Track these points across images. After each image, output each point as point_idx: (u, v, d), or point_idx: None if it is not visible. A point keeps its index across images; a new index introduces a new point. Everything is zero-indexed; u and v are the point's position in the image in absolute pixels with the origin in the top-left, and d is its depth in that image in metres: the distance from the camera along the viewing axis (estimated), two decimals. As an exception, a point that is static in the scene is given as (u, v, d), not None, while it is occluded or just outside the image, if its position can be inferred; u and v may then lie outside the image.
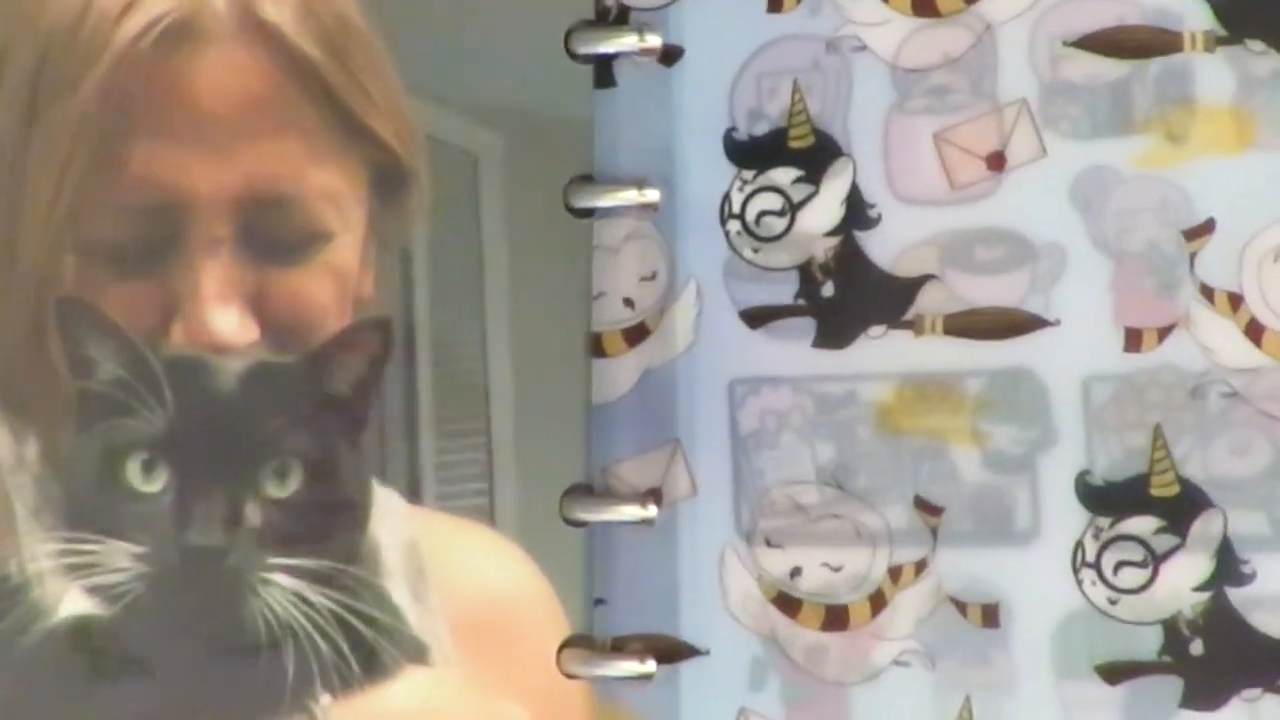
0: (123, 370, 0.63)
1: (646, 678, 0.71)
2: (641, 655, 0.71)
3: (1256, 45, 0.68)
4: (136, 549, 0.61)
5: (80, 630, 0.62)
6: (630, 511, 0.70)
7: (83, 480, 0.63)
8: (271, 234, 0.66)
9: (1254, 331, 0.68)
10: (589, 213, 0.69)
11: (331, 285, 0.67)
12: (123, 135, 0.65)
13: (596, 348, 0.70)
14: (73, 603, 0.63)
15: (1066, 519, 0.69)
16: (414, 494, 0.65)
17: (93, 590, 0.62)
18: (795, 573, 0.71)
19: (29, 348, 0.65)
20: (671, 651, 0.71)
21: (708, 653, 0.71)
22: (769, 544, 0.71)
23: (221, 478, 0.62)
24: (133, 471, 0.62)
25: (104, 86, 0.64)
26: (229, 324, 0.65)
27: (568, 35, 0.69)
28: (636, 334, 0.71)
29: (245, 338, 0.66)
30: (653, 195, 0.70)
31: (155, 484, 0.62)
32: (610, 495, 0.70)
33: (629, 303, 0.71)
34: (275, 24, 0.66)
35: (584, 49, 0.70)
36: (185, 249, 0.66)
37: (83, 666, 0.62)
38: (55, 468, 0.65)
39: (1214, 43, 0.68)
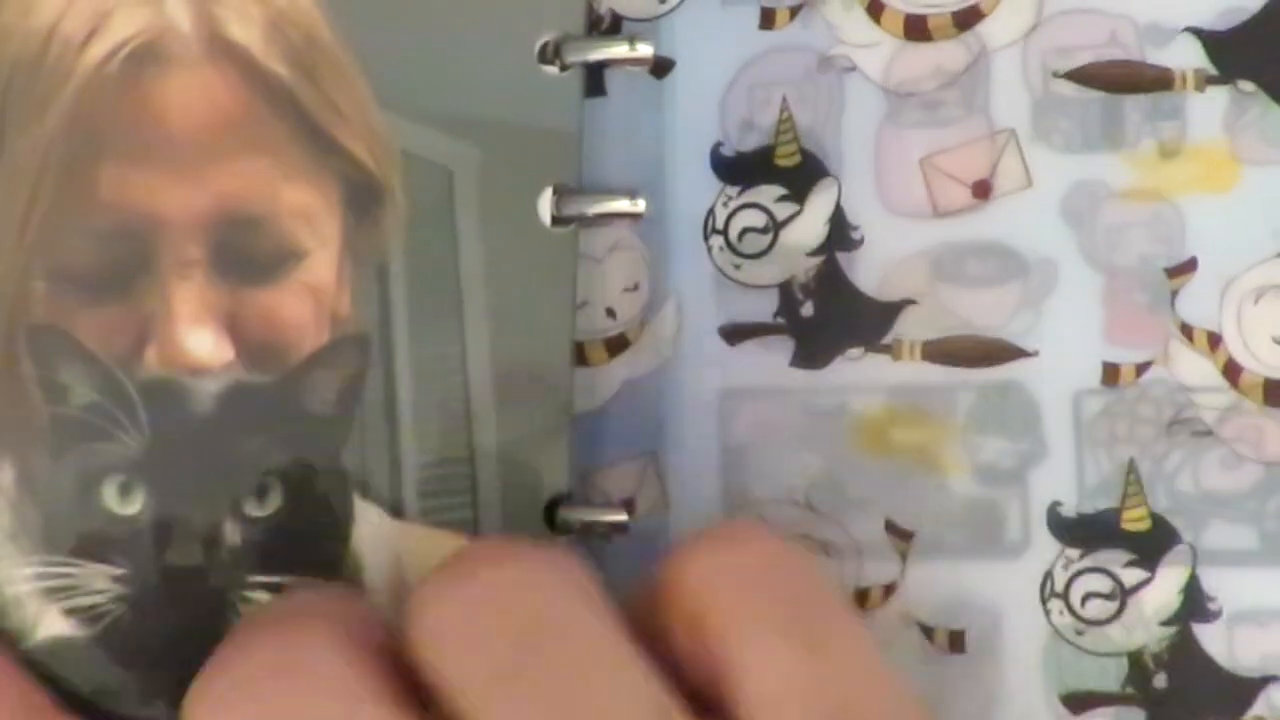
0: (97, 395, 0.63)
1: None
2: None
3: (1247, 86, 0.68)
4: (115, 570, 0.62)
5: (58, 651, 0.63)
6: (607, 520, 0.70)
7: (59, 505, 0.63)
8: (244, 254, 0.66)
9: (1231, 372, 0.68)
10: (569, 221, 0.69)
11: (307, 303, 0.67)
12: (91, 160, 0.65)
13: (579, 357, 0.70)
14: (51, 625, 0.63)
15: (1037, 549, 0.69)
16: (397, 509, 0.65)
17: (71, 612, 0.63)
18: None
19: (1, 375, 0.65)
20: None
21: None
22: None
23: (199, 498, 0.62)
24: (109, 494, 0.62)
25: (70, 112, 0.64)
26: (204, 345, 0.65)
27: (558, 45, 0.69)
28: (618, 344, 0.71)
29: (220, 358, 0.66)
30: (643, 205, 0.70)
31: (132, 506, 0.62)
32: (587, 503, 0.70)
33: (611, 313, 0.71)
34: (243, 45, 0.66)
35: (574, 58, 0.69)
36: (157, 271, 0.65)
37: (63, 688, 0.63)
38: (31, 493, 0.65)
39: (1204, 82, 0.68)
